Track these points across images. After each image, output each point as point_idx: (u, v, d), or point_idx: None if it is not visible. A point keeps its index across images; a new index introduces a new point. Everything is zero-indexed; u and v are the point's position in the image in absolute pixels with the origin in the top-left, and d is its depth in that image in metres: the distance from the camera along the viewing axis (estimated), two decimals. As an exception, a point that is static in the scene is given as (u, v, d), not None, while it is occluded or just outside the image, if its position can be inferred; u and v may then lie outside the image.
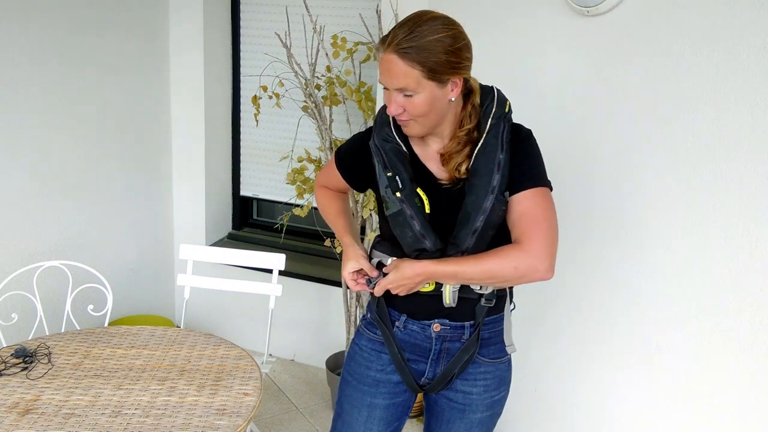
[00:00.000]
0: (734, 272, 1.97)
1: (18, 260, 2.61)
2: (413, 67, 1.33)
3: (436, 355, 1.57)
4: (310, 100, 2.70)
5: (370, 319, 1.64)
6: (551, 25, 2.26)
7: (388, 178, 1.46)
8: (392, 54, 1.34)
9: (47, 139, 2.73)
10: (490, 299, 1.51)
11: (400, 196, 1.45)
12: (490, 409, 1.62)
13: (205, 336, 2.18)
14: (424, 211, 1.45)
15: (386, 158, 1.48)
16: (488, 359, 1.58)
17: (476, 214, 1.41)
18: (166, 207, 3.46)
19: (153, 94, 3.25)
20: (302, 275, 3.20)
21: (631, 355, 2.24)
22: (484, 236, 1.43)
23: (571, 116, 2.28)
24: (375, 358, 1.62)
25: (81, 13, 2.78)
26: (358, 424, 1.64)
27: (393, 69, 1.35)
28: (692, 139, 2.00)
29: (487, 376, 1.59)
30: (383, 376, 1.61)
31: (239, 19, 3.37)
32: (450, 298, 1.47)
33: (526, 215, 1.41)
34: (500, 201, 1.41)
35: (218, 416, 1.71)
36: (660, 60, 2.04)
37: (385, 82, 1.38)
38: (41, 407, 1.72)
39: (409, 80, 1.34)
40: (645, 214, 2.14)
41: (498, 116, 1.44)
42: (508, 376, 1.65)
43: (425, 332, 1.55)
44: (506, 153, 1.42)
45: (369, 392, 1.62)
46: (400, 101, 1.38)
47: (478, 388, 1.59)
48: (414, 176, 1.48)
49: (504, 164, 1.41)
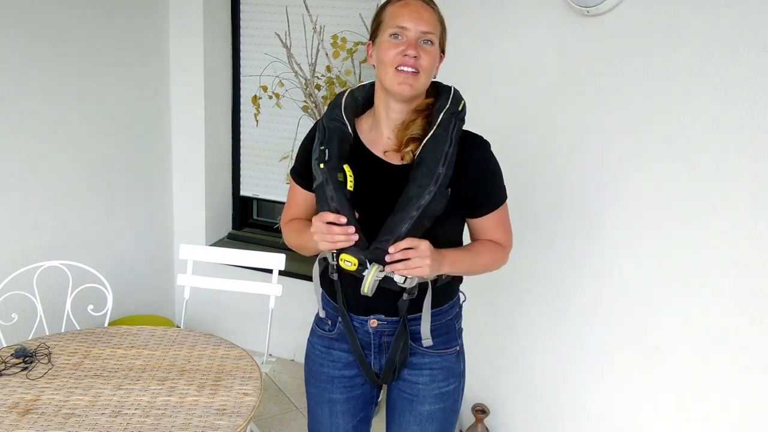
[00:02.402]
0: (734, 273, 1.97)
1: (18, 260, 2.61)
2: (437, 20, 1.45)
3: (378, 349, 1.59)
4: (310, 100, 2.70)
5: (322, 315, 1.69)
6: (551, 25, 2.26)
7: (320, 152, 1.48)
8: (421, 1, 1.44)
9: (47, 140, 2.73)
10: (412, 293, 1.49)
11: (323, 167, 1.45)
12: (440, 402, 1.61)
13: (205, 336, 2.18)
14: (345, 188, 1.44)
15: (326, 134, 1.50)
16: (432, 350, 1.58)
17: (415, 202, 1.40)
18: (166, 207, 3.46)
19: (153, 94, 3.25)
20: (302, 275, 3.19)
21: (630, 354, 2.24)
22: (418, 226, 1.42)
23: (571, 116, 2.28)
24: (326, 355, 1.67)
25: (80, 14, 2.78)
26: (324, 419, 1.70)
27: (424, 13, 1.43)
28: (692, 139, 2.00)
29: (433, 366, 1.59)
30: (336, 372, 1.65)
31: (239, 19, 3.37)
32: (369, 287, 1.42)
33: (501, 224, 1.59)
34: (442, 194, 1.41)
35: (218, 416, 1.71)
36: (660, 60, 2.04)
37: (412, 24, 1.41)
38: (41, 407, 1.72)
39: (434, 28, 1.44)
40: (644, 215, 2.14)
41: (451, 112, 1.46)
42: (458, 368, 1.64)
43: (364, 327, 1.58)
44: (454, 148, 1.43)
45: (326, 389, 1.67)
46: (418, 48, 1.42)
47: (424, 378, 1.59)
48: (348, 156, 1.49)
49: (450, 159, 1.42)
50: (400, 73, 1.41)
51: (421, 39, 1.41)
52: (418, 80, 1.42)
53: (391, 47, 1.42)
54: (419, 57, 1.40)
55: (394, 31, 1.42)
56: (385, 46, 1.43)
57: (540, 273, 2.44)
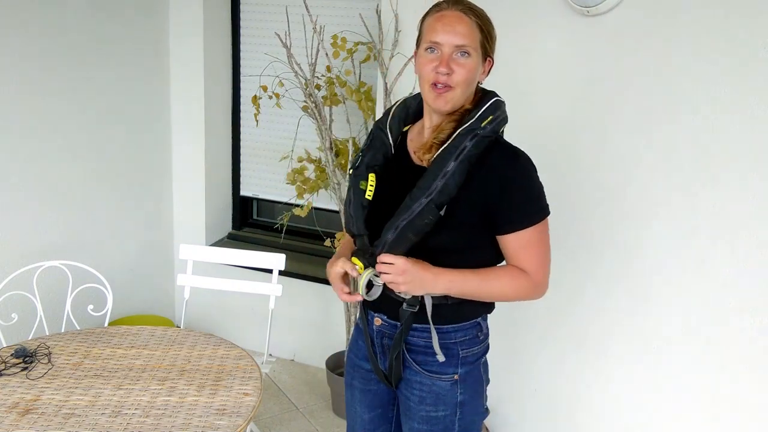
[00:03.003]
0: (735, 274, 1.97)
1: (18, 260, 2.61)
2: (475, 29, 1.41)
3: (381, 349, 1.60)
4: (310, 100, 2.70)
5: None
6: (551, 25, 2.26)
7: (354, 157, 1.53)
8: (458, 11, 1.40)
9: (47, 140, 2.73)
10: (413, 305, 1.47)
11: (351, 174, 1.52)
12: (427, 424, 1.54)
13: (205, 336, 2.18)
14: (363, 196, 1.49)
15: (369, 140, 1.55)
16: (423, 370, 1.52)
17: (404, 211, 1.41)
18: (166, 207, 3.46)
19: (153, 94, 3.25)
20: (302, 275, 3.19)
21: (631, 355, 2.24)
22: (404, 238, 1.41)
23: (571, 116, 2.28)
24: (355, 342, 1.70)
25: (81, 15, 2.78)
26: (348, 401, 1.74)
27: (458, 26, 1.39)
28: (692, 139, 2.00)
29: (422, 387, 1.53)
30: (357, 361, 1.68)
31: (239, 19, 3.37)
32: (361, 289, 1.45)
33: (529, 248, 1.45)
34: (430, 210, 1.38)
35: (218, 416, 1.71)
36: (660, 60, 2.04)
37: (445, 38, 1.39)
38: (41, 407, 1.72)
39: (471, 39, 1.40)
40: (645, 215, 2.14)
41: (471, 128, 1.40)
42: (452, 398, 1.52)
43: (370, 325, 1.59)
44: (459, 166, 1.38)
45: (350, 373, 1.71)
46: (451, 63, 1.39)
47: (414, 397, 1.55)
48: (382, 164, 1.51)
49: (451, 176, 1.38)
50: (435, 89, 1.42)
51: (456, 52, 1.39)
52: (453, 94, 1.41)
53: (426, 62, 1.42)
54: (453, 72, 1.39)
55: (429, 45, 1.42)
56: (422, 60, 1.44)
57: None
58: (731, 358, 2.01)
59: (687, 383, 2.12)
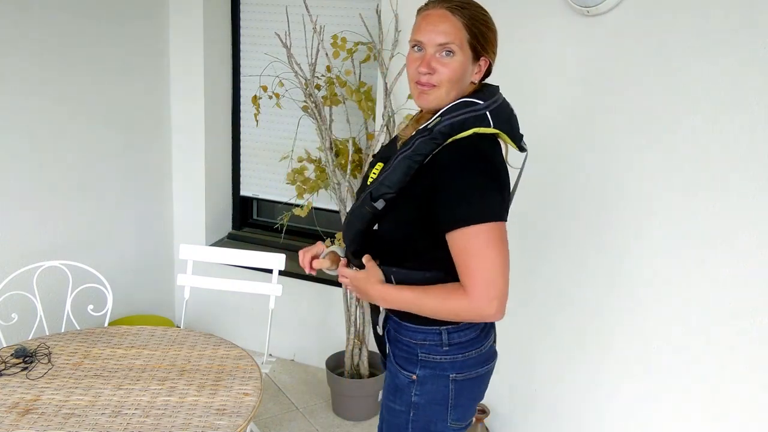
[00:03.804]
0: (735, 274, 1.97)
1: (18, 260, 2.61)
2: (461, 27, 1.37)
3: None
4: (310, 100, 2.70)
5: None
6: (551, 25, 2.26)
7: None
8: (443, 9, 1.38)
9: (47, 140, 2.73)
10: None
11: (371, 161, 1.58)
12: (388, 413, 1.56)
13: (205, 336, 2.18)
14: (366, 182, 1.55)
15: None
16: (393, 360, 1.54)
17: (356, 199, 1.50)
18: (166, 207, 3.46)
19: (153, 94, 3.25)
20: (302, 275, 3.19)
21: (631, 355, 2.24)
22: (352, 223, 1.50)
23: (571, 116, 2.28)
24: None
25: (81, 15, 2.78)
26: None
27: (441, 24, 1.37)
28: (692, 139, 2.00)
29: (390, 376, 1.56)
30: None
31: (239, 19, 3.37)
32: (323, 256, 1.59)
33: (465, 256, 1.31)
34: (366, 202, 1.43)
35: (218, 416, 1.71)
36: (660, 60, 2.04)
37: (427, 37, 1.38)
38: (41, 407, 1.72)
39: (455, 37, 1.37)
40: (644, 216, 2.14)
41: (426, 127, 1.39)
42: (407, 396, 1.50)
43: None
44: (402, 161, 1.39)
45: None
46: (434, 62, 1.38)
47: (386, 383, 1.60)
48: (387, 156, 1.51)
49: (392, 171, 1.40)
50: (419, 87, 1.42)
51: (440, 51, 1.38)
52: (438, 93, 1.40)
53: (411, 61, 1.43)
54: (435, 71, 1.38)
55: (414, 43, 1.42)
56: (408, 59, 1.45)
57: (540, 275, 2.44)
58: (731, 358, 2.01)
59: (687, 383, 2.12)
